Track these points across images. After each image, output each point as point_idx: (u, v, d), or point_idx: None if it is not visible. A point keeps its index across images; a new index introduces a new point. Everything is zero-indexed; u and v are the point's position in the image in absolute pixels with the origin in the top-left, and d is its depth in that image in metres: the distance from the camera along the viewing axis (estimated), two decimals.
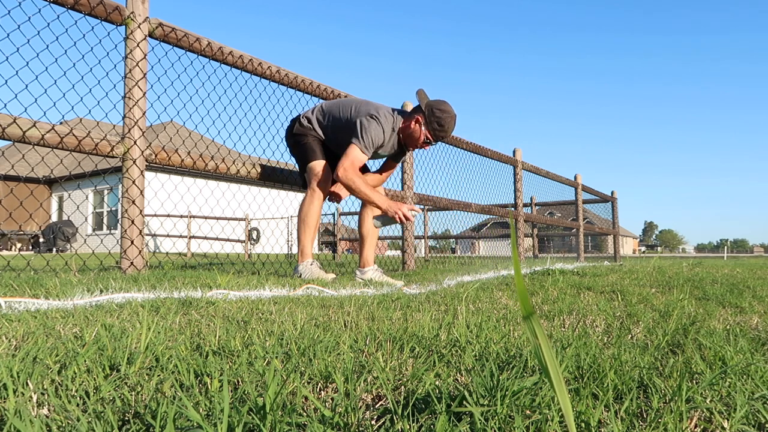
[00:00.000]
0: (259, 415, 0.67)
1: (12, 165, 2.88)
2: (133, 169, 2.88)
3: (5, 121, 2.41)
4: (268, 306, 1.75)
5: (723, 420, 0.76)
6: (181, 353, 1.01)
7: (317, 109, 3.39)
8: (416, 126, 3.22)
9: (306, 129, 3.34)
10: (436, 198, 5.47)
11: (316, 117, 3.36)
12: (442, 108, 3.19)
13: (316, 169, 3.26)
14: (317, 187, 3.23)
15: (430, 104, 3.19)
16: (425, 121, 3.19)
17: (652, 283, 3.07)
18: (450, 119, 3.20)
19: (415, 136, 3.24)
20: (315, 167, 3.27)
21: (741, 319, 1.81)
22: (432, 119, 3.17)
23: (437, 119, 3.17)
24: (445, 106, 3.19)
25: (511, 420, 0.71)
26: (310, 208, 3.24)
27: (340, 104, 3.33)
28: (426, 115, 3.18)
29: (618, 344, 1.23)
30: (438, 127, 3.18)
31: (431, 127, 3.18)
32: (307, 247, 3.28)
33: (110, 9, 2.83)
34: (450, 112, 3.20)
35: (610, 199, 12.03)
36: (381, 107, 3.23)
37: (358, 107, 3.23)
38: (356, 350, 1.10)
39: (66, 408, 0.71)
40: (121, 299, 1.78)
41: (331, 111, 3.33)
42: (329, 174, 3.26)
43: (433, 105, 3.18)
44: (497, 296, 2.30)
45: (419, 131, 3.22)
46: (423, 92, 3.26)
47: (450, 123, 3.21)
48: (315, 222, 3.27)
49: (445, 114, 3.18)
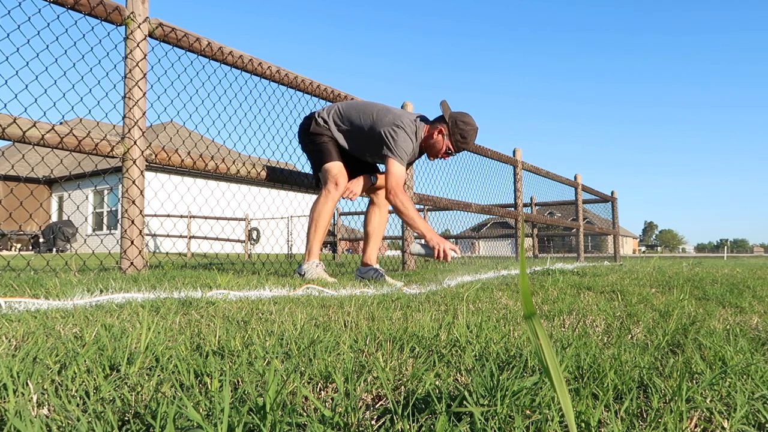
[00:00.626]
0: (259, 415, 0.67)
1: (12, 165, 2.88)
2: (133, 169, 2.88)
3: (5, 121, 2.41)
4: (268, 306, 1.75)
5: (723, 420, 0.76)
6: (181, 353, 1.01)
7: (334, 111, 3.36)
8: (439, 137, 3.26)
9: (322, 129, 3.32)
10: (436, 198, 5.47)
11: (333, 119, 3.34)
12: (466, 120, 3.24)
13: (332, 171, 3.25)
14: (332, 189, 3.23)
15: (454, 116, 3.23)
16: (449, 132, 3.23)
17: (652, 283, 3.07)
18: (473, 132, 3.25)
19: (437, 147, 3.28)
20: (331, 168, 3.26)
21: (741, 319, 1.81)
22: (455, 131, 3.22)
23: (461, 131, 3.22)
24: (468, 119, 3.25)
25: (511, 420, 0.71)
26: (324, 209, 3.25)
27: (359, 109, 3.31)
28: (450, 127, 3.22)
29: (618, 344, 1.23)
30: (461, 139, 3.23)
31: (454, 138, 3.23)
32: (315, 248, 3.28)
33: (110, 9, 2.83)
34: (473, 125, 3.25)
35: (610, 199, 12.03)
36: (403, 115, 3.24)
37: (380, 115, 3.22)
38: (356, 350, 1.10)
39: (66, 408, 0.71)
40: (121, 299, 1.78)
41: (350, 116, 3.31)
42: (344, 176, 3.26)
43: (457, 117, 3.23)
44: (497, 296, 2.30)
45: (442, 142, 3.25)
46: (446, 104, 3.30)
47: (472, 136, 3.27)
48: (326, 223, 3.27)
49: (468, 127, 3.23)
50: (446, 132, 3.24)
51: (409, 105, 5.12)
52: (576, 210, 10.48)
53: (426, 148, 3.33)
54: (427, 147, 3.32)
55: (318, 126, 3.33)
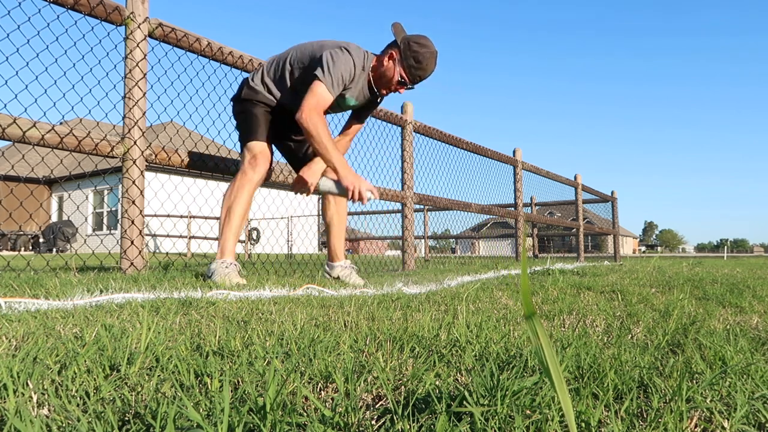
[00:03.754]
0: (259, 415, 0.67)
1: (12, 165, 2.88)
2: (133, 170, 2.88)
3: (5, 121, 2.41)
4: (268, 306, 1.75)
5: (723, 420, 0.76)
6: (181, 353, 1.01)
7: (267, 63, 2.86)
8: (390, 63, 2.74)
9: (257, 94, 2.80)
10: (436, 198, 5.47)
11: (267, 70, 2.82)
12: (421, 42, 2.71)
13: (254, 150, 2.75)
14: (250, 172, 2.72)
15: (408, 38, 2.72)
16: (400, 57, 2.71)
17: (652, 282, 3.07)
18: (430, 56, 2.71)
19: (388, 74, 2.75)
20: (253, 147, 2.75)
21: (741, 318, 1.81)
22: (408, 54, 2.69)
23: (414, 54, 2.69)
24: (425, 41, 2.72)
25: (511, 420, 0.71)
26: (238, 196, 2.70)
27: (299, 48, 2.79)
28: (401, 50, 2.70)
29: (618, 344, 1.23)
30: (415, 63, 2.70)
31: (407, 63, 2.70)
32: (228, 244, 2.71)
33: (110, 9, 2.83)
34: (430, 47, 2.72)
35: (610, 199, 12.03)
36: (351, 43, 2.74)
37: (322, 45, 2.72)
38: (356, 350, 1.10)
39: (66, 408, 0.71)
40: (121, 299, 1.78)
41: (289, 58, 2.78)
42: (267, 157, 2.76)
43: (411, 39, 2.71)
44: (497, 296, 2.30)
45: (393, 69, 2.73)
46: (400, 26, 2.79)
47: (430, 61, 2.72)
48: (243, 214, 2.72)
49: (423, 48, 2.70)
50: (398, 57, 2.72)
51: (410, 106, 5.12)
52: (576, 210, 10.48)
53: (375, 79, 2.80)
54: (376, 78, 2.80)
55: (251, 90, 2.82)
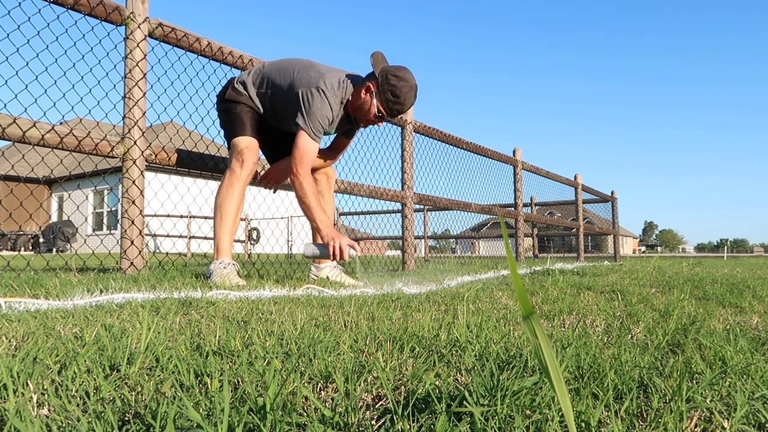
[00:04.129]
0: (259, 415, 0.67)
1: (12, 165, 2.88)
2: (133, 169, 2.88)
3: (5, 121, 2.41)
4: (268, 306, 1.75)
5: (723, 420, 0.76)
6: (181, 353, 1.01)
7: (254, 72, 2.84)
8: (367, 96, 2.66)
9: (240, 95, 2.79)
10: (436, 198, 5.47)
11: (252, 80, 2.80)
12: (400, 75, 2.62)
13: (239, 146, 2.71)
14: (238, 169, 2.69)
15: (386, 70, 2.63)
16: (378, 90, 2.62)
17: (652, 283, 3.07)
18: (408, 90, 2.62)
19: (365, 107, 2.67)
20: (239, 143, 2.72)
21: (741, 318, 1.81)
22: (386, 87, 2.60)
23: (392, 88, 2.60)
24: (403, 73, 2.63)
25: (511, 420, 0.71)
26: (228, 194, 2.69)
27: (280, 68, 2.76)
28: (379, 83, 2.61)
29: (618, 344, 1.23)
30: (393, 98, 2.61)
31: (384, 97, 2.61)
32: (224, 243, 2.70)
33: (110, 9, 2.83)
34: (409, 80, 2.63)
35: (610, 199, 12.03)
36: (328, 74, 2.63)
37: (301, 73, 2.65)
38: (356, 350, 1.10)
39: (66, 408, 0.71)
40: (121, 299, 1.78)
41: (270, 75, 2.76)
42: (254, 152, 2.73)
43: (389, 71, 2.62)
44: (497, 296, 2.30)
45: (370, 102, 2.65)
46: (380, 55, 2.68)
47: (408, 95, 2.63)
48: (235, 212, 2.71)
49: (401, 82, 2.60)
50: (375, 90, 2.63)
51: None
52: (576, 210, 10.48)
53: (353, 111, 2.73)
54: (354, 110, 2.72)
55: (235, 92, 2.80)
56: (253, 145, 2.74)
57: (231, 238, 2.72)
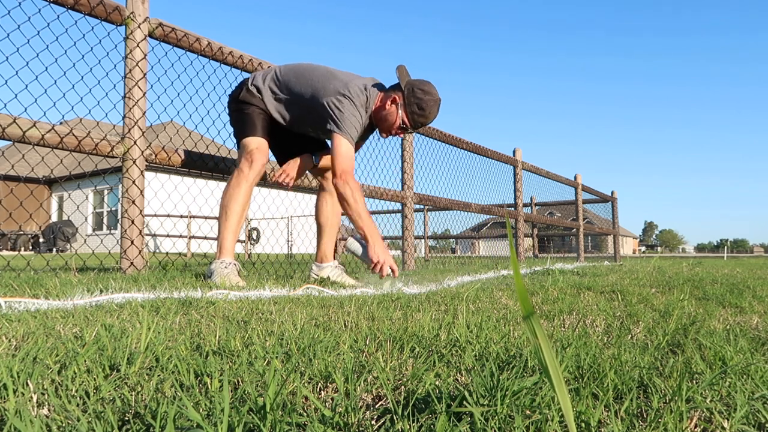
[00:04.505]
0: (259, 415, 0.67)
1: (12, 165, 2.88)
2: (133, 169, 2.88)
3: (5, 121, 2.41)
4: (268, 306, 1.75)
5: (723, 420, 0.76)
6: (181, 353, 1.01)
7: (271, 77, 2.80)
8: (392, 107, 2.69)
9: (254, 98, 2.79)
10: (436, 198, 5.47)
11: (269, 87, 2.79)
12: (426, 89, 2.68)
13: (249, 146, 2.71)
14: (246, 169, 2.69)
15: (412, 83, 2.68)
16: (404, 102, 2.67)
17: (652, 283, 3.07)
18: (433, 104, 2.68)
19: (390, 119, 2.71)
20: (249, 144, 2.71)
21: (741, 319, 1.81)
22: (412, 100, 2.66)
23: (418, 101, 2.66)
24: (429, 87, 2.69)
25: (511, 420, 0.71)
26: (235, 194, 2.68)
27: (299, 74, 2.75)
28: (405, 95, 2.67)
29: (618, 344, 1.23)
30: (418, 110, 2.67)
31: (410, 109, 2.66)
32: (227, 243, 2.69)
33: (110, 9, 2.83)
34: (434, 95, 2.69)
35: (610, 199, 12.03)
36: (351, 81, 2.66)
37: (323, 82, 2.66)
38: (356, 350, 1.10)
39: (66, 408, 0.71)
40: (121, 299, 1.78)
41: (288, 82, 2.75)
42: (263, 153, 2.73)
43: (416, 84, 2.68)
44: (497, 296, 2.30)
45: (395, 114, 2.69)
46: (404, 69, 2.74)
47: (433, 108, 2.70)
48: (240, 212, 2.70)
49: (428, 96, 2.67)
50: (401, 101, 2.67)
51: None
52: (576, 210, 10.48)
53: (377, 121, 2.76)
54: (378, 120, 2.75)
55: (249, 94, 2.79)
56: (263, 146, 2.73)
57: (234, 237, 2.70)
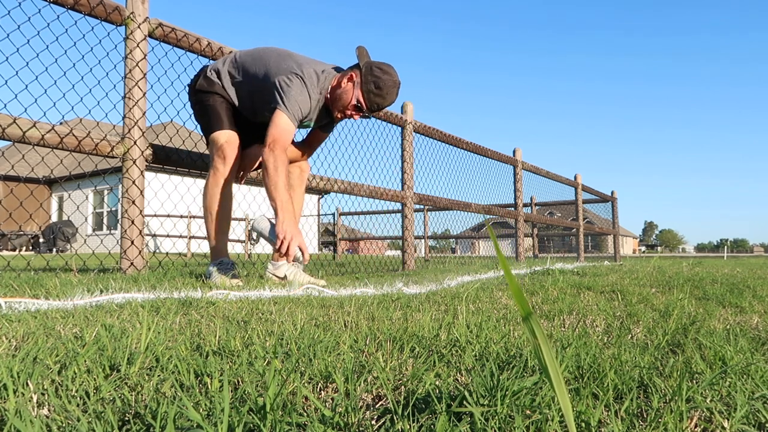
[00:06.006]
0: (259, 415, 0.67)
1: (12, 165, 2.88)
2: (133, 169, 2.88)
3: (5, 121, 2.41)
4: (268, 306, 1.75)
5: (723, 420, 0.76)
6: (181, 353, 1.01)
7: (229, 61, 2.69)
8: (348, 85, 2.55)
9: (213, 85, 2.65)
10: (436, 198, 5.47)
11: (227, 70, 2.66)
12: (385, 68, 2.55)
13: (219, 141, 2.60)
14: (221, 166, 2.60)
15: (371, 63, 2.57)
16: (361, 80, 2.54)
17: (652, 283, 3.07)
18: (392, 84, 2.55)
19: (345, 97, 2.56)
20: (218, 139, 2.60)
21: (741, 318, 1.81)
22: (369, 78, 2.53)
23: (375, 80, 2.52)
24: (388, 68, 2.57)
25: (511, 420, 0.71)
26: (214, 194, 2.61)
27: (255, 56, 2.63)
28: (363, 73, 2.54)
29: (618, 344, 1.23)
30: (375, 89, 2.53)
31: (366, 88, 2.53)
32: (219, 244, 2.63)
33: (110, 9, 2.83)
34: (393, 75, 2.56)
35: (610, 199, 12.03)
36: (306, 63, 2.54)
37: (278, 62, 2.55)
38: (356, 350, 1.10)
39: (66, 408, 0.71)
40: (121, 299, 1.78)
41: (244, 63, 2.63)
42: (234, 147, 2.61)
43: (374, 64, 2.56)
44: (497, 296, 2.30)
45: (351, 92, 2.55)
46: (364, 49, 2.62)
47: (391, 90, 2.55)
48: (223, 210, 2.63)
49: (386, 76, 2.54)
50: (358, 79, 2.54)
51: (410, 106, 5.12)
52: (576, 210, 10.48)
53: (332, 101, 2.61)
54: (333, 99, 2.60)
55: (207, 81, 2.66)
56: (233, 138, 2.62)
57: (225, 237, 2.64)
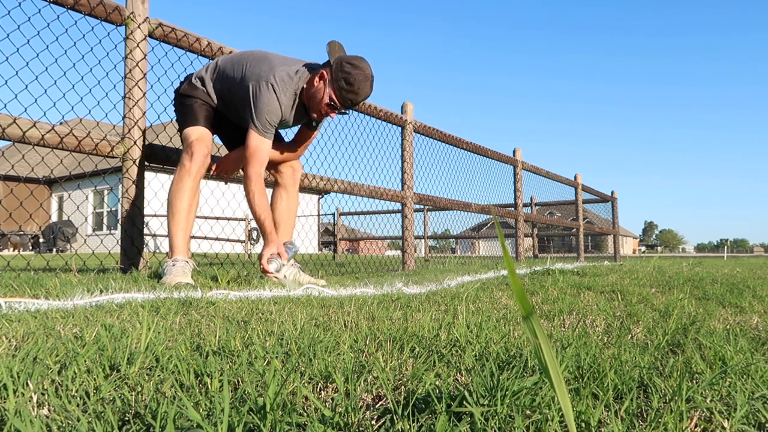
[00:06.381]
0: (259, 415, 0.67)
1: (12, 165, 2.88)
2: (133, 169, 2.88)
3: (5, 121, 2.41)
4: (268, 306, 1.75)
5: (723, 420, 0.76)
6: (181, 353, 1.01)
7: (213, 66, 2.73)
8: (320, 83, 2.51)
9: (196, 90, 2.69)
10: (436, 198, 5.47)
11: (209, 76, 2.69)
12: (355, 63, 2.49)
13: (189, 138, 2.57)
14: (188, 163, 2.54)
15: (341, 58, 2.51)
16: (331, 78, 2.49)
17: (652, 283, 3.06)
18: (363, 78, 2.48)
19: (317, 96, 2.52)
20: (189, 135, 2.58)
21: (741, 318, 1.81)
22: (339, 75, 2.47)
23: (345, 76, 2.46)
24: (359, 62, 2.50)
25: (511, 420, 0.71)
26: (178, 190, 2.55)
27: (235, 60, 2.65)
28: (333, 70, 2.48)
29: (618, 344, 1.23)
30: (346, 85, 2.47)
31: (337, 85, 2.47)
32: (177, 240, 2.55)
33: (110, 9, 2.83)
34: (365, 69, 2.49)
35: (610, 199, 12.03)
36: (278, 66, 2.51)
37: (253, 65, 2.53)
38: (356, 350, 1.10)
39: (66, 408, 0.71)
40: (121, 299, 1.78)
41: (225, 68, 2.65)
42: (205, 143, 2.58)
43: (345, 59, 2.51)
44: (497, 296, 2.30)
45: (323, 90, 2.51)
46: (336, 44, 2.56)
47: (363, 84, 2.49)
48: (187, 207, 2.57)
49: (356, 70, 2.47)
50: (329, 77, 2.49)
51: (410, 106, 5.12)
52: (576, 210, 10.48)
53: (307, 100, 2.58)
54: (307, 99, 2.57)
55: (191, 87, 2.70)
56: (204, 136, 2.60)
57: (186, 235, 2.59)
